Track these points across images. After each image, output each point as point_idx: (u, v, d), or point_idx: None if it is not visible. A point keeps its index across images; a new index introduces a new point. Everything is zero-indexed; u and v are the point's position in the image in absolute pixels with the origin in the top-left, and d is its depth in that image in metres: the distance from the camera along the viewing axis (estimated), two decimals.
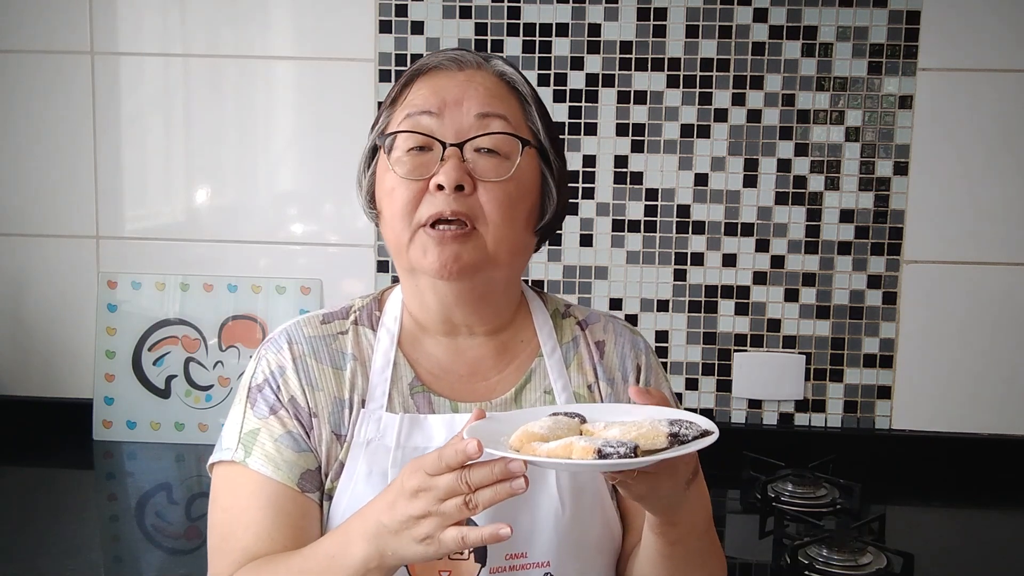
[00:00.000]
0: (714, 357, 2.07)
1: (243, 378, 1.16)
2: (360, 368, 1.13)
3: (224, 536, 1.09)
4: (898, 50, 1.97)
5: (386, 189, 1.10)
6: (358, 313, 1.18)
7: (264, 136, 2.12)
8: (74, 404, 2.15)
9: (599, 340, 1.20)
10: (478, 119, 1.08)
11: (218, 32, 2.08)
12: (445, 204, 1.05)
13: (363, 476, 1.09)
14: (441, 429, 1.10)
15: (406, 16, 2.03)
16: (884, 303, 2.03)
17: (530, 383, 1.16)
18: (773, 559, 1.67)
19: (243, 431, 1.11)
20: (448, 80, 1.10)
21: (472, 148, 1.07)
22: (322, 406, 1.11)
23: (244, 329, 2.13)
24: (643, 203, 2.04)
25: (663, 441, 0.90)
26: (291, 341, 1.14)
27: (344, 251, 2.12)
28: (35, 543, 1.64)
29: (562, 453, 0.88)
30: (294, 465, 1.09)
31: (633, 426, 0.92)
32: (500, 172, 1.07)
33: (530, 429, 0.92)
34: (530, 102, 1.13)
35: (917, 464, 2.02)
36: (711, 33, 2.00)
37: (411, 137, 1.08)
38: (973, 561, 1.72)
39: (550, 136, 1.14)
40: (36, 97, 2.11)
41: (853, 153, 2.01)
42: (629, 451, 0.86)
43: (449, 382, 1.15)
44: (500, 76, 1.12)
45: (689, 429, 0.91)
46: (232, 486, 1.10)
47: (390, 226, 1.10)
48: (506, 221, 1.07)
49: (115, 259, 2.14)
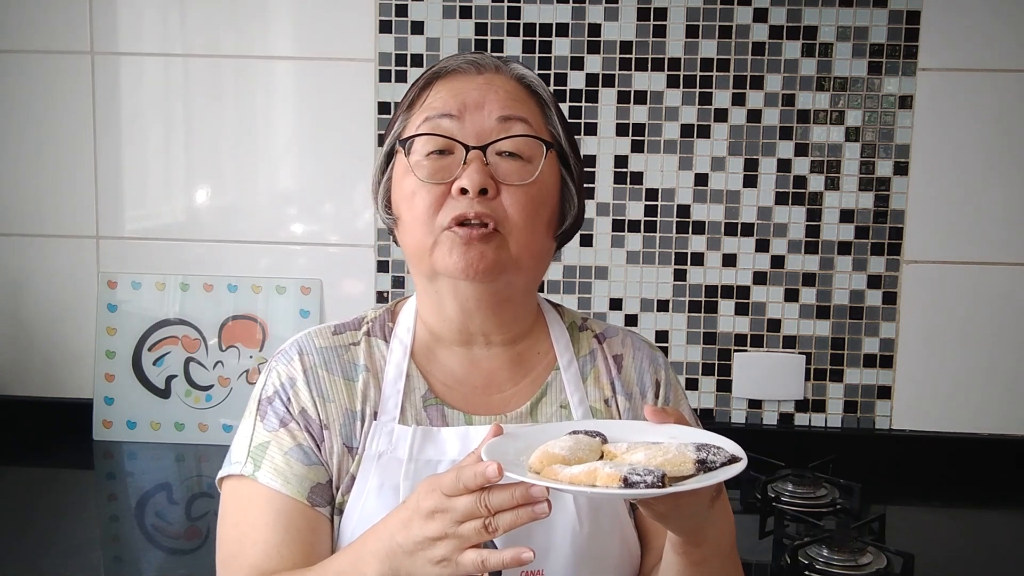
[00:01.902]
0: (714, 357, 2.07)
1: (253, 390, 1.14)
2: (372, 380, 1.12)
3: (233, 553, 1.07)
4: (898, 50, 1.97)
5: (406, 193, 1.08)
6: (370, 324, 1.16)
7: (264, 136, 2.12)
8: (74, 404, 2.15)
9: (617, 354, 1.18)
10: (499, 122, 1.07)
11: (218, 32, 2.08)
12: (469, 207, 1.04)
13: (375, 489, 1.07)
14: (455, 442, 1.09)
15: (406, 16, 2.03)
16: (884, 303, 2.03)
17: (546, 396, 1.14)
18: (773, 559, 1.67)
19: (252, 444, 1.09)
20: (467, 83, 1.09)
21: (494, 151, 1.06)
22: (333, 418, 1.10)
23: (244, 329, 2.13)
24: (643, 203, 2.04)
25: (690, 468, 0.88)
26: (302, 352, 1.13)
27: (344, 251, 2.12)
28: (35, 543, 1.64)
29: (586, 479, 0.85)
30: (304, 479, 1.07)
31: (659, 450, 0.89)
32: (523, 175, 1.06)
33: (550, 450, 0.90)
34: (550, 105, 1.12)
35: (917, 464, 2.02)
36: (711, 33, 2.00)
37: (432, 140, 1.06)
38: (973, 561, 1.72)
39: (570, 140, 1.13)
40: (36, 97, 2.11)
41: (853, 153, 2.01)
42: (657, 480, 0.84)
43: (463, 394, 1.13)
44: (519, 80, 1.12)
45: (717, 455, 0.89)
46: (241, 501, 1.08)
47: (411, 230, 1.08)
48: (528, 225, 1.06)
49: (115, 259, 2.14)
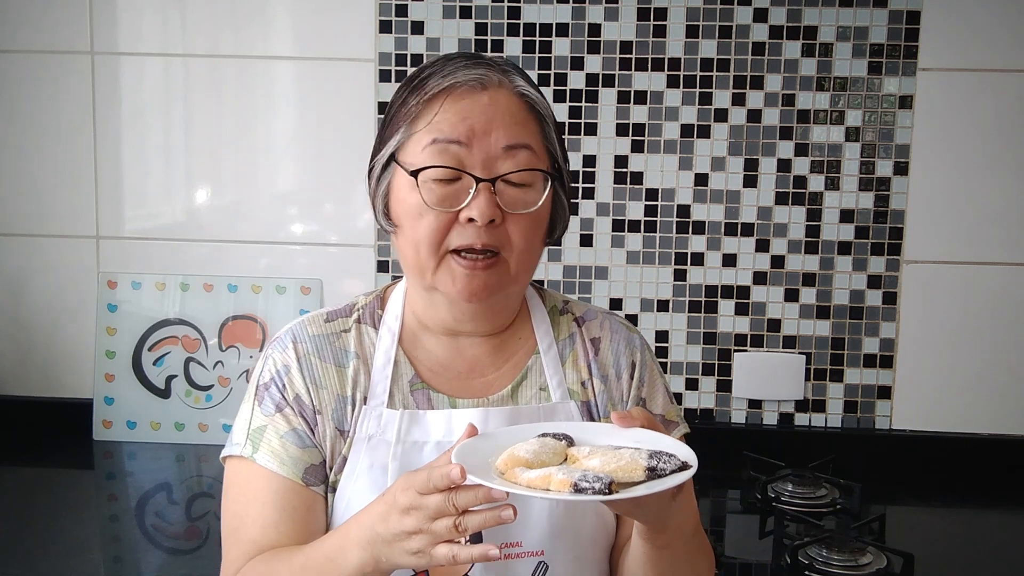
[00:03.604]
0: (714, 357, 2.07)
1: (252, 375, 1.21)
2: (362, 366, 1.18)
3: (234, 528, 1.14)
4: (898, 50, 1.97)
5: (411, 212, 1.11)
6: (361, 311, 1.22)
7: (264, 136, 2.12)
8: (74, 404, 2.15)
9: (595, 337, 1.24)
10: (505, 151, 1.10)
11: (218, 32, 2.08)
12: (476, 237, 1.09)
13: (365, 469, 1.13)
14: (440, 424, 1.15)
15: (406, 16, 2.03)
16: (884, 303, 2.03)
17: (526, 380, 1.20)
18: (773, 559, 1.67)
19: (251, 427, 1.16)
20: (473, 104, 1.10)
21: (501, 180, 1.10)
22: (326, 403, 1.16)
23: (244, 329, 2.13)
24: (643, 203, 2.04)
25: (640, 475, 0.93)
26: (296, 340, 1.18)
27: (344, 251, 2.12)
28: (35, 543, 1.64)
29: (540, 484, 0.92)
30: (299, 460, 1.14)
31: (614, 456, 0.95)
32: (527, 203, 1.11)
33: (516, 453, 0.97)
34: (548, 122, 1.16)
35: (917, 464, 2.02)
36: (711, 33, 1.99)
37: (443, 169, 1.10)
38: (973, 561, 1.72)
39: (563, 153, 1.18)
40: (36, 97, 2.11)
41: (853, 153, 2.01)
42: (604, 487, 0.90)
43: (448, 379, 1.19)
44: (521, 97, 1.13)
45: (668, 463, 0.94)
46: (241, 480, 1.16)
47: (413, 248, 1.12)
48: (529, 247, 1.13)
49: (115, 259, 2.14)
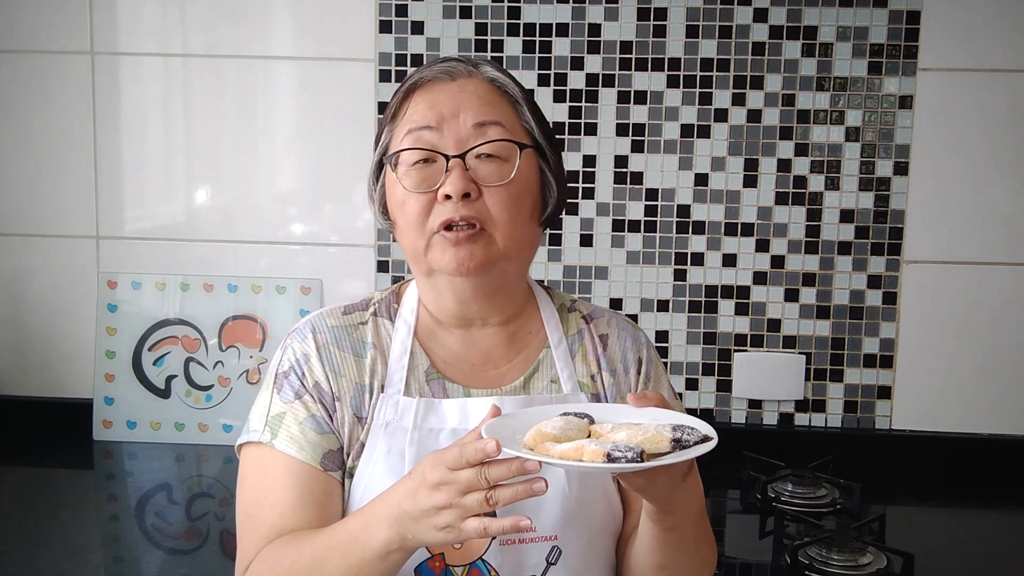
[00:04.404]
0: (714, 357, 2.07)
1: (270, 365, 1.23)
2: (380, 356, 1.21)
3: (253, 514, 1.16)
4: (898, 50, 1.97)
5: (397, 202, 1.17)
6: (377, 305, 1.25)
7: (264, 136, 2.12)
8: (74, 404, 2.15)
9: (603, 333, 1.27)
10: (475, 128, 1.15)
11: (218, 32, 2.08)
12: (454, 211, 1.13)
13: (382, 455, 1.16)
14: (455, 413, 1.18)
15: (406, 16, 2.03)
16: (884, 303, 2.03)
17: (538, 372, 1.23)
18: (773, 559, 1.67)
19: (270, 414, 1.18)
20: (442, 93, 1.17)
21: (473, 156, 1.14)
22: (344, 391, 1.19)
23: (244, 329, 2.13)
24: (643, 203, 2.04)
25: (667, 446, 0.98)
26: (315, 331, 1.22)
27: (344, 251, 2.12)
28: (35, 543, 1.64)
29: (574, 455, 0.95)
30: (317, 446, 1.16)
31: (639, 429, 0.99)
32: (502, 176, 1.15)
33: (543, 429, 0.99)
34: (521, 103, 1.19)
35: (917, 464, 2.02)
36: (711, 33, 2.00)
37: (415, 152, 1.15)
38: (973, 561, 1.72)
39: (544, 132, 1.21)
40: (36, 97, 2.11)
41: (853, 153, 2.01)
42: (636, 456, 0.93)
43: (462, 370, 1.22)
44: (491, 82, 1.19)
45: (691, 435, 0.98)
46: (259, 466, 1.17)
47: (405, 235, 1.18)
48: (512, 220, 1.15)
49: (115, 259, 2.14)
